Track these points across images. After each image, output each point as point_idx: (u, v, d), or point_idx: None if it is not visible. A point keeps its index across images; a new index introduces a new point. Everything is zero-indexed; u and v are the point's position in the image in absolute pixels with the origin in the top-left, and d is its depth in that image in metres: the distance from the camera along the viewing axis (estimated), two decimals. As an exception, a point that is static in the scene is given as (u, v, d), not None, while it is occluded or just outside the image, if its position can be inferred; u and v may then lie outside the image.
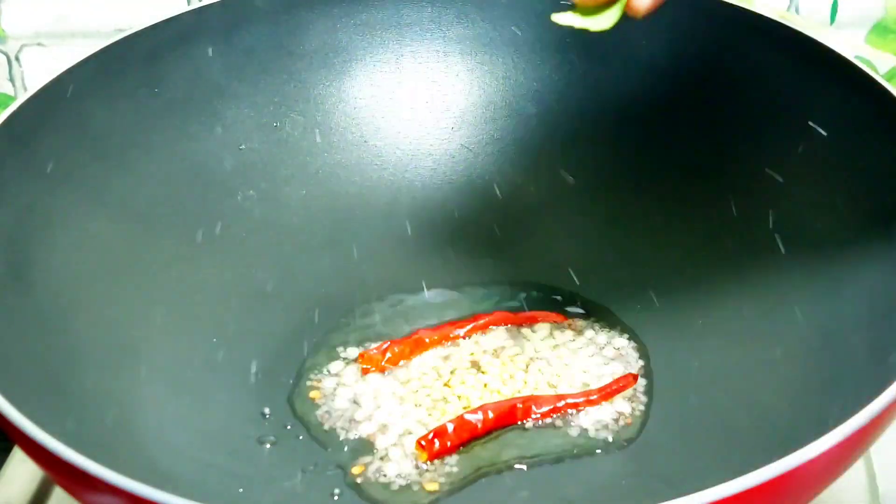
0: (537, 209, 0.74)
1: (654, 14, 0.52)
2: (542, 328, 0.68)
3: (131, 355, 0.63)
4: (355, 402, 0.65)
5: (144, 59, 0.70)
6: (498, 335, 0.68)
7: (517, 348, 0.67)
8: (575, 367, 0.66)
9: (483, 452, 0.62)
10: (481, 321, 0.68)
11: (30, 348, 0.57)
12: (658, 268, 0.70)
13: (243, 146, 0.73)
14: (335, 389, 0.66)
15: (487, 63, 0.76)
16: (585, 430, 0.62)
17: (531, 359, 0.66)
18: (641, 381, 0.65)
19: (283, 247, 0.72)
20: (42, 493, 0.68)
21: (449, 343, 0.68)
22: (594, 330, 0.68)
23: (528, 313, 0.69)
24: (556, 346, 0.67)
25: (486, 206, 0.75)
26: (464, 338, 0.68)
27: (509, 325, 0.68)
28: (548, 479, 0.61)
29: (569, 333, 0.68)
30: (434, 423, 0.63)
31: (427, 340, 0.67)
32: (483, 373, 0.66)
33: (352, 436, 0.63)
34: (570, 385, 0.65)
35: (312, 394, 0.66)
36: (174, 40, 0.71)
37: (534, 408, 0.63)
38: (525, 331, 0.68)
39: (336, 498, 0.60)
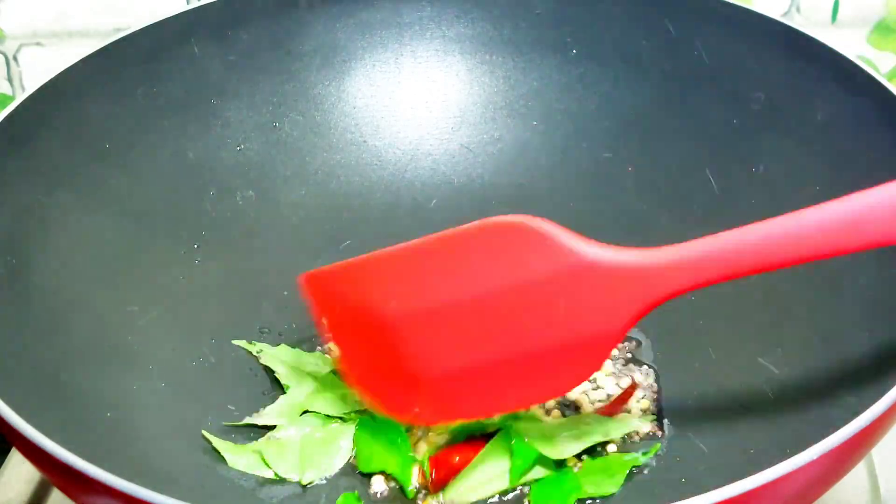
0: (537, 209, 0.74)
1: (654, 13, 0.52)
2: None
3: (129, 356, 0.63)
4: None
5: (143, 58, 0.70)
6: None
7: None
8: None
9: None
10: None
11: (27, 349, 0.57)
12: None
13: (242, 146, 0.73)
14: (334, 390, 0.66)
15: (487, 63, 0.76)
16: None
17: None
18: (643, 380, 0.64)
19: (282, 247, 0.72)
20: (40, 495, 0.67)
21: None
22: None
23: None
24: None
25: (485, 206, 0.74)
26: None
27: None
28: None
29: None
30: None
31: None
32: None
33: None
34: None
35: (312, 394, 0.65)
36: (173, 40, 0.71)
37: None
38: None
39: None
